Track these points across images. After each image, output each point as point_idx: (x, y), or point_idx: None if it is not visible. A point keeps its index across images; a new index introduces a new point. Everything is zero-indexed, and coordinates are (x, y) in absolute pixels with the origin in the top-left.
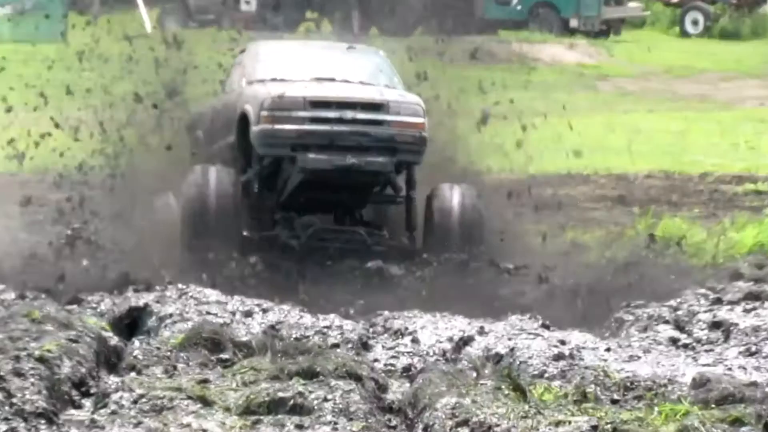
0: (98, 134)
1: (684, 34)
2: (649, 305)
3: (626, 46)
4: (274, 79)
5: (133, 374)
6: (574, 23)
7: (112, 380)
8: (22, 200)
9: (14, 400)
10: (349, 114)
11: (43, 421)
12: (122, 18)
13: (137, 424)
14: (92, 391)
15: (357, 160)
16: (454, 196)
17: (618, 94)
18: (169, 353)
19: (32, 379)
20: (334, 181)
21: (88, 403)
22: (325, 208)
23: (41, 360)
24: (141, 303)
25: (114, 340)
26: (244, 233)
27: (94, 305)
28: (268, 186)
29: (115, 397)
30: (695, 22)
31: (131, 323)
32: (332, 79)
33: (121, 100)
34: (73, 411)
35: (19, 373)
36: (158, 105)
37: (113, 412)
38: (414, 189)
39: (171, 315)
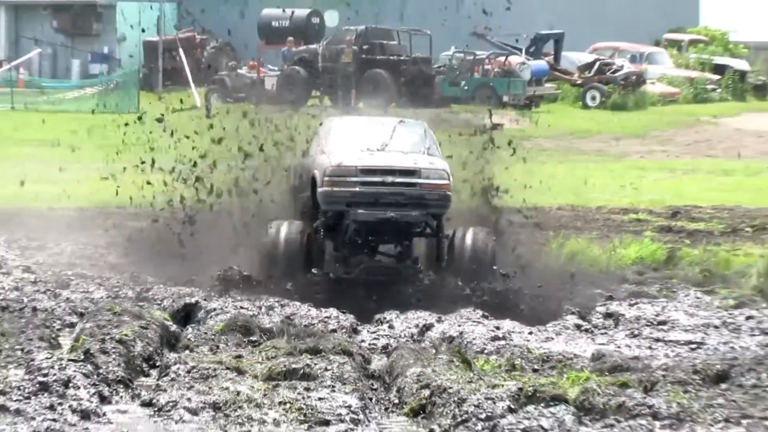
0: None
1: (585, 106)
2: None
3: (544, 115)
4: (338, 151)
5: (186, 352)
6: (506, 99)
7: (172, 356)
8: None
9: (100, 371)
10: (389, 179)
11: (121, 386)
12: (179, 95)
13: (189, 388)
14: (157, 364)
15: (395, 214)
16: (467, 237)
17: (538, 150)
18: (213, 337)
19: (114, 356)
20: (379, 229)
21: (154, 372)
22: (374, 249)
23: (120, 341)
24: (193, 300)
25: (173, 327)
26: (313, 270)
27: (159, 302)
28: (332, 232)
29: (173, 368)
30: (593, 98)
31: (186, 315)
32: (381, 150)
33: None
34: (143, 378)
35: (104, 351)
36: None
37: (172, 379)
38: (443, 231)
39: (215, 309)
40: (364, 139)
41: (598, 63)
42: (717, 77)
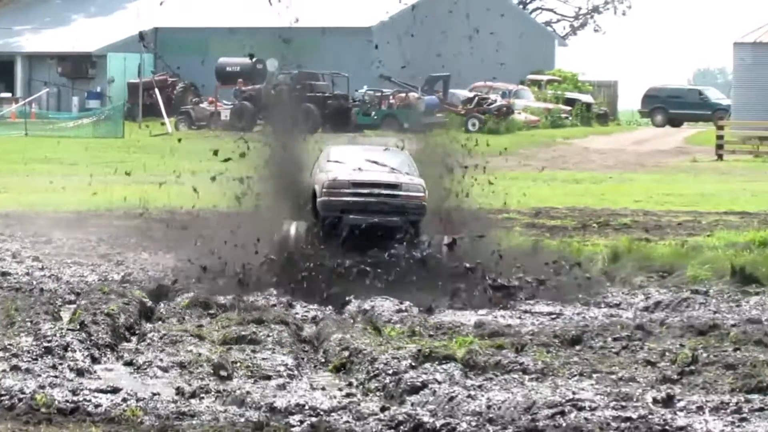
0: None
1: (467, 131)
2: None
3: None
4: (335, 169)
5: (159, 322)
6: (406, 126)
7: (148, 326)
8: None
9: (92, 338)
10: (376, 191)
11: (109, 350)
12: (155, 124)
13: (161, 351)
14: (136, 332)
15: (380, 219)
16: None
17: None
18: (180, 311)
19: (103, 326)
20: (367, 232)
21: (134, 339)
22: (366, 246)
23: (108, 315)
24: (165, 282)
25: (149, 303)
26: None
27: (139, 283)
28: (332, 233)
29: (149, 335)
30: (474, 124)
31: (159, 293)
32: (369, 169)
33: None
34: (125, 343)
35: (95, 322)
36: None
37: (148, 344)
38: (419, 235)
39: (181, 289)
40: (356, 162)
41: (476, 98)
42: (569, 108)
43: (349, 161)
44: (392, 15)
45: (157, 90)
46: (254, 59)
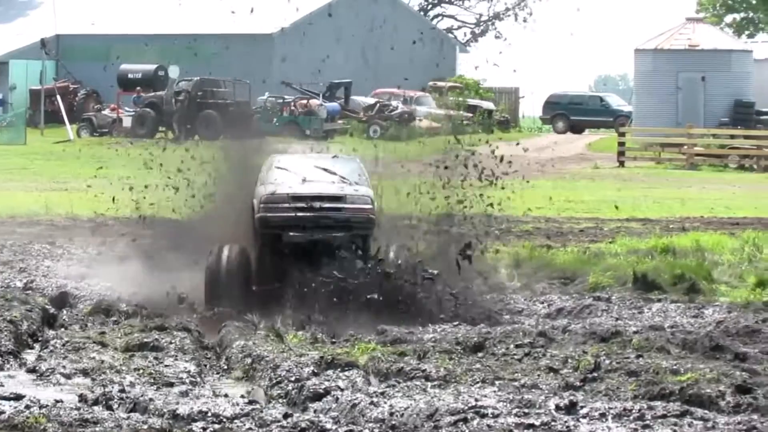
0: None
1: (369, 138)
2: None
3: (337, 145)
4: (275, 182)
5: (62, 329)
6: (308, 132)
7: (51, 333)
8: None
9: None
10: (317, 204)
11: (11, 357)
12: (57, 131)
13: (64, 357)
14: (39, 339)
15: (323, 236)
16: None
17: None
18: (82, 317)
19: (5, 333)
20: (311, 249)
21: (37, 345)
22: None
23: (11, 321)
24: (68, 289)
25: (52, 310)
26: (253, 287)
27: (41, 290)
28: (272, 252)
29: (52, 342)
30: (375, 131)
31: (61, 300)
32: (313, 180)
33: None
34: (28, 350)
35: None
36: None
37: (51, 351)
38: (369, 249)
39: (84, 295)
40: (301, 173)
41: (378, 104)
42: (470, 115)
43: (292, 172)
44: (294, 22)
45: (59, 97)
46: (156, 66)
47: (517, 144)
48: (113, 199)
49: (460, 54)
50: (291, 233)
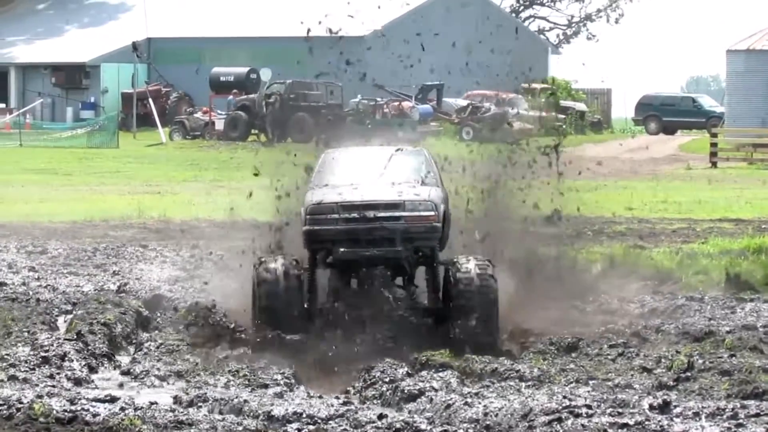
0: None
1: (462, 140)
2: None
3: (431, 147)
4: (325, 185)
5: (156, 332)
6: (401, 134)
7: (144, 335)
8: None
9: (89, 347)
10: (371, 213)
11: (106, 359)
12: (149, 134)
13: (158, 360)
14: (133, 341)
15: (378, 251)
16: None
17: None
18: (176, 321)
19: (99, 335)
20: (365, 265)
21: (131, 348)
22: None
23: (105, 324)
24: (161, 292)
25: (145, 312)
26: (305, 305)
27: (135, 293)
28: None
29: (146, 345)
30: (468, 133)
31: (156, 303)
32: (368, 183)
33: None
34: (122, 353)
35: (92, 332)
36: None
37: (145, 354)
38: (437, 260)
39: (177, 299)
40: (358, 171)
41: (470, 106)
42: (563, 116)
43: (349, 171)
44: (387, 23)
45: (151, 100)
46: (248, 69)
47: (620, 145)
48: (249, 194)
49: (553, 56)
50: (341, 249)
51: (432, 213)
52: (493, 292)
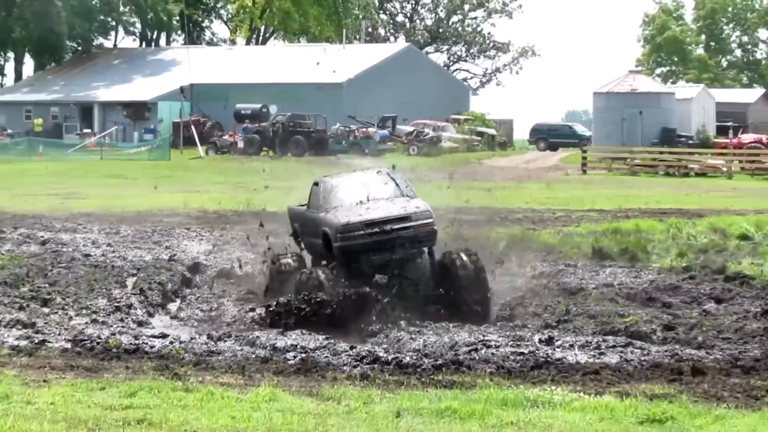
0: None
1: (409, 154)
2: None
3: (387, 160)
4: (335, 208)
5: (195, 288)
6: (367, 151)
7: (187, 291)
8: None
9: (148, 299)
10: (388, 226)
11: (160, 308)
12: (191, 151)
13: (197, 308)
14: (179, 295)
15: (397, 255)
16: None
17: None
18: (209, 280)
19: (156, 291)
20: (392, 267)
21: (178, 300)
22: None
23: (160, 284)
24: (200, 260)
25: (188, 274)
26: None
27: (181, 262)
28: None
29: (188, 298)
30: (413, 150)
31: (195, 267)
32: (375, 201)
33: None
34: (172, 303)
35: (150, 289)
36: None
37: (188, 304)
38: (433, 255)
39: (210, 265)
40: (356, 193)
41: (415, 131)
42: (479, 138)
43: (349, 194)
44: (357, 73)
45: (192, 127)
46: (261, 105)
47: (513, 158)
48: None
49: (472, 96)
50: (373, 257)
51: (431, 219)
52: (485, 275)
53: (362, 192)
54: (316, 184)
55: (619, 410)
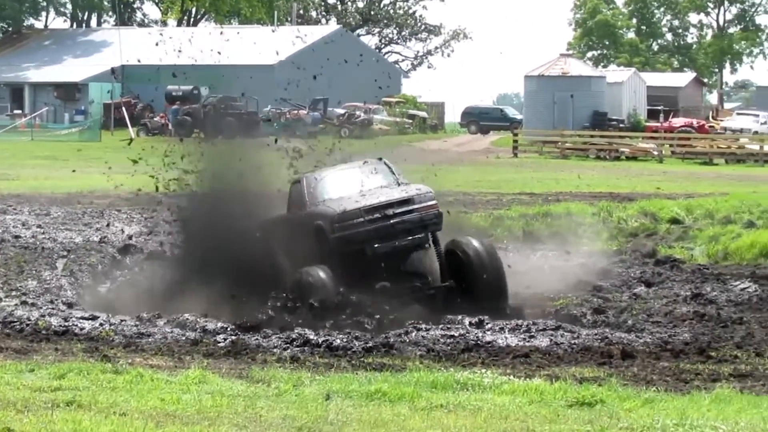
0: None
1: (341, 137)
2: None
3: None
4: (323, 200)
5: (126, 271)
6: (298, 133)
7: (117, 273)
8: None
9: (78, 280)
10: (390, 211)
11: (90, 290)
12: (122, 132)
13: (127, 290)
14: (110, 277)
15: (405, 240)
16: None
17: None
18: (140, 263)
19: (86, 272)
20: (393, 255)
21: (108, 282)
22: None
23: (90, 265)
24: (130, 241)
25: (119, 256)
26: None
27: (112, 243)
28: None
29: (119, 279)
30: (345, 132)
31: (126, 250)
32: (371, 189)
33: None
34: (102, 285)
35: (81, 270)
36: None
37: (118, 285)
38: (439, 243)
39: (140, 247)
40: (346, 185)
41: (347, 113)
42: (410, 121)
43: (340, 186)
44: (288, 56)
45: (123, 108)
46: (192, 87)
47: (445, 141)
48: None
49: (404, 79)
50: (376, 245)
51: (435, 201)
52: (500, 262)
53: (354, 181)
54: (296, 182)
55: (549, 393)
